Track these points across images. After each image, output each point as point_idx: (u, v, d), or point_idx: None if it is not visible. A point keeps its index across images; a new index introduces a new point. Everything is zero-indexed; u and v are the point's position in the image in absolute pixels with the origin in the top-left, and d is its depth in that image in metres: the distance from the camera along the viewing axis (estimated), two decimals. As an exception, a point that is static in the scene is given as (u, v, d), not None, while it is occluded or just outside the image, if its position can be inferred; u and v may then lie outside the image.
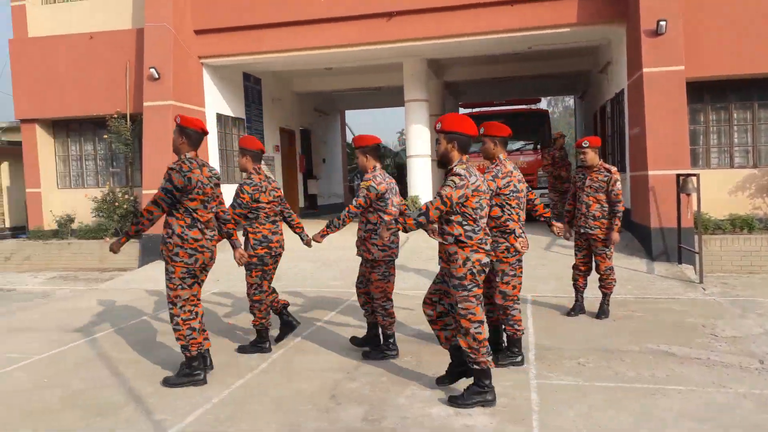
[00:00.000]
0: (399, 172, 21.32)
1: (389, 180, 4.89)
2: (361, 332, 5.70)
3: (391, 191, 4.86)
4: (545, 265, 8.34)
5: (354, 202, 4.76)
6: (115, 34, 11.69)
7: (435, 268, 8.56)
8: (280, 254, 5.19)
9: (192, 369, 4.38)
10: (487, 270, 3.94)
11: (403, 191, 15.63)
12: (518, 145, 12.53)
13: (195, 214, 4.30)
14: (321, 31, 10.69)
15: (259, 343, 5.19)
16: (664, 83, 8.75)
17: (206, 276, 4.59)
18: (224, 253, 10.35)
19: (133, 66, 11.53)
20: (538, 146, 12.54)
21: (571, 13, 9.69)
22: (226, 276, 8.48)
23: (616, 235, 5.88)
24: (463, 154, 3.90)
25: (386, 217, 4.75)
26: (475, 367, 3.86)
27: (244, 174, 5.13)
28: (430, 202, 3.77)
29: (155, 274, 9.24)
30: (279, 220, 5.23)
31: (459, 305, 3.87)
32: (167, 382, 4.40)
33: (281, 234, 5.20)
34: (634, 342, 5.15)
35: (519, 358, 4.67)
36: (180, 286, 4.34)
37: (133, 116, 11.54)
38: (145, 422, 3.73)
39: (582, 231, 6.06)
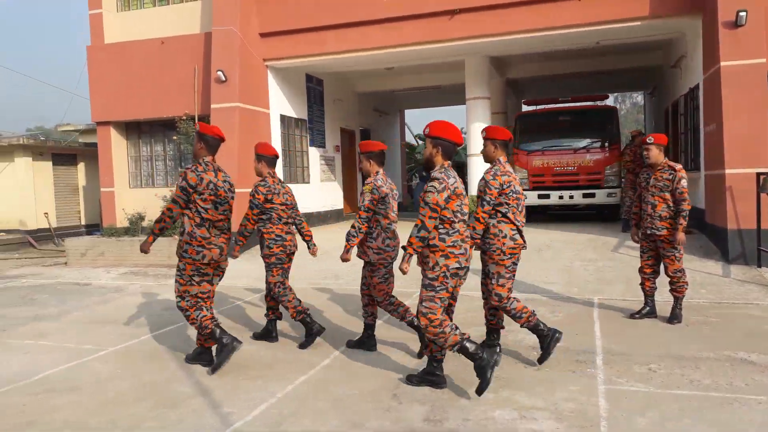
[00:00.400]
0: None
1: (390, 184, 5.00)
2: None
3: (392, 195, 4.95)
4: (613, 267, 8.06)
5: (363, 207, 4.81)
6: (184, 39, 12.12)
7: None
8: (293, 252, 5.45)
9: (221, 342, 4.56)
10: (462, 274, 4.01)
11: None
12: (584, 142, 12.16)
13: (205, 214, 4.59)
14: (383, 31, 10.72)
15: (309, 334, 5.29)
16: (743, 77, 8.29)
17: (223, 273, 4.86)
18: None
19: (201, 69, 11.92)
20: (606, 144, 12.14)
21: (643, 6, 9.33)
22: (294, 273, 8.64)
23: (681, 235, 5.63)
24: (445, 160, 4.03)
25: (384, 221, 4.86)
26: (455, 348, 3.94)
27: (259, 178, 5.42)
28: (421, 215, 3.87)
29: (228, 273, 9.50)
30: (291, 222, 5.48)
31: (423, 302, 3.97)
32: (214, 370, 4.59)
33: (294, 234, 5.48)
34: (709, 348, 4.90)
35: (557, 334, 4.58)
36: (189, 282, 4.63)
37: (201, 118, 11.91)
38: (213, 415, 3.83)
39: (648, 232, 5.84)
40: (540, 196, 12.04)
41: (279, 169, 12.19)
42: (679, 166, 5.69)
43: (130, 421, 3.77)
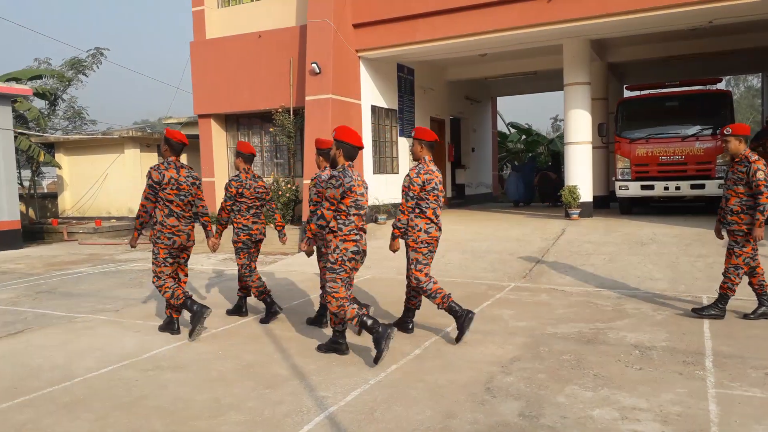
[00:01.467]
0: (554, 159, 20.41)
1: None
2: (511, 325, 5.58)
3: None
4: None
5: (323, 206, 4.61)
6: (280, 32, 12.46)
7: (595, 264, 8.09)
8: (260, 240, 6.14)
9: (192, 310, 5.27)
10: (358, 258, 4.63)
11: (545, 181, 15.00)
12: (694, 130, 11.37)
13: (172, 206, 5.39)
14: (476, 16, 10.51)
15: (268, 313, 5.98)
16: None
17: (187, 255, 5.67)
18: (376, 240, 10.66)
19: (296, 61, 12.21)
20: (718, 132, 11.30)
21: (765, -20, 8.58)
22: (378, 263, 8.73)
23: (758, 231, 5.27)
24: (347, 161, 4.62)
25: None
26: (354, 322, 4.54)
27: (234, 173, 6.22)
28: (322, 206, 4.54)
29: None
30: (262, 212, 6.17)
31: (327, 284, 4.64)
32: (191, 334, 5.32)
33: (262, 224, 6.14)
34: (838, 355, 4.46)
35: (471, 314, 4.99)
36: (163, 264, 5.41)
37: (296, 110, 12.24)
38: (309, 398, 3.93)
39: (723, 227, 5.61)
40: (643, 187, 11.42)
41: (368, 160, 12.33)
42: (755, 157, 5.33)
43: (233, 400, 3.94)
